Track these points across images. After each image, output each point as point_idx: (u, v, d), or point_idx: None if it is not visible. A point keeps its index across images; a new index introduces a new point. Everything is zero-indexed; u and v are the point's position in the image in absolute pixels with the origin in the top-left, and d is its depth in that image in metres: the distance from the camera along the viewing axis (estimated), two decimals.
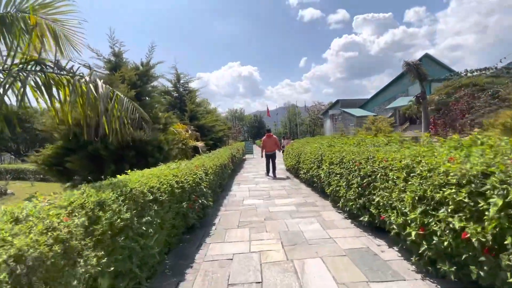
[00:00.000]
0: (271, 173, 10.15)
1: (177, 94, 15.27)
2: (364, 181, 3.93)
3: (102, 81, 3.11)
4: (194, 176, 4.78)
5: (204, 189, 4.96)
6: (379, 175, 3.56)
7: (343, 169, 4.94)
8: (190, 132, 10.66)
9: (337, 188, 5.11)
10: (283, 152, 13.45)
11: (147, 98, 8.41)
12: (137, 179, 3.01)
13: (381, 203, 3.43)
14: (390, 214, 3.18)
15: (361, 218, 4.04)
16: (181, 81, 15.34)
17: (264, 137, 10.33)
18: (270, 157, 10.08)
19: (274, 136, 10.35)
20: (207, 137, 13.54)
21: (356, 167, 4.33)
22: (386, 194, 3.29)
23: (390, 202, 3.22)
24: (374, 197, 3.61)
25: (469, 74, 20.55)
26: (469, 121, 12.96)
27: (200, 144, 10.72)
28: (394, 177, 3.16)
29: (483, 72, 19.70)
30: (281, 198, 6.84)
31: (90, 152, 6.38)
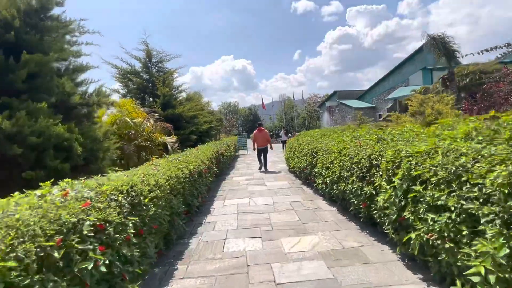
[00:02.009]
0: (263, 167, 9.53)
1: (148, 76, 11.80)
2: None
3: None
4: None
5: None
6: None
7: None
8: (152, 122, 7.38)
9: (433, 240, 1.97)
10: (284, 146, 12.32)
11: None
12: None
13: None
14: None
15: None
16: (154, 60, 11.91)
17: (255, 131, 9.63)
18: (262, 151, 9.42)
19: (265, 130, 9.67)
20: (185, 130, 10.27)
21: None
22: None
23: None
24: None
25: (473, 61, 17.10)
26: None
27: (170, 139, 7.47)
28: None
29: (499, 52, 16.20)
30: (293, 233, 3.67)
31: None
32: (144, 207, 2.58)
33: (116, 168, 3.66)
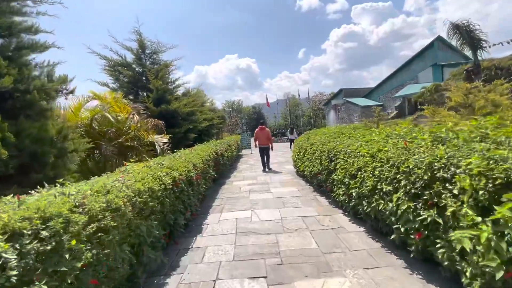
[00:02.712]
0: (267, 168, 9.14)
1: (141, 69, 10.62)
2: None
3: None
4: None
5: None
6: None
7: None
8: (137, 118, 6.27)
9: None
10: (292, 146, 11.52)
11: None
12: None
13: None
14: None
15: None
16: (147, 51, 10.80)
17: (257, 129, 9.36)
18: (264, 150, 9.10)
19: (267, 129, 9.43)
20: (181, 128, 9.19)
21: None
22: None
23: None
24: None
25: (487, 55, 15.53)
26: None
27: (160, 138, 6.39)
28: None
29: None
30: (311, 272, 2.54)
31: None
32: (68, 255, 1.48)
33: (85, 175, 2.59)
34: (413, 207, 2.34)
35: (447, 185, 2.03)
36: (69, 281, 1.44)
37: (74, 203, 1.77)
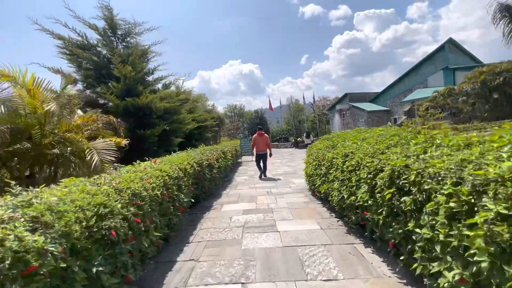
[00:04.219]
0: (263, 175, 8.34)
1: (110, 54, 8.10)
2: None
3: None
4: None
5: None
6: None
7: None
8: (55, 108, 3.95)
9: None
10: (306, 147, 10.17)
11: None
12: None
13: None
14: None
15: None
16: (120, 33, 8.49)
17: (255, 134, 8.69)
18: (261, 158, 8.41)
19: (266, 135, 8.68)
20: (154, 129, 6.89)
21: None
22: None
23: None
24: None
25: None
26: None
27: (101, 144, 4.09)
28: None
29: None
30: None
31: None
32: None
33: None
34: None
35: None
36: None
37: None
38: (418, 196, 2.00)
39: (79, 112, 5.01)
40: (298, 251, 2.92)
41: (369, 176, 2.69)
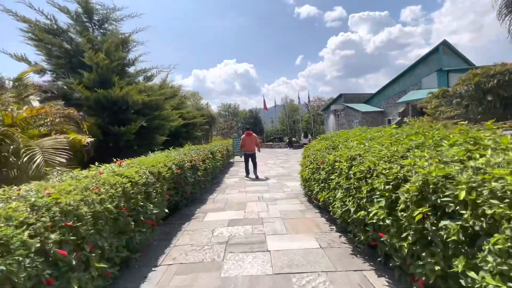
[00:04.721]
0: (251, 174, 8.14)
1: (82, 39, 7.20)
2: None
3: None
4: None
5: None
6: None
7: None
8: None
9: None
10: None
11: None
12: None
13: None
14: None
15: None
16: (96, 18, 7.68)
17: (243, 135, 8.51)
18: (250, 157, 8.31)
19: (254, 134, 8.52)
20: (131, 126, 6.13)
21: None
22: None
23: None
24: None
25: None
26: None
27: (51, 141, 3.37)
28: None
29: None
30: None
31: None
32: None
33: None
34: None
35: None
36: None
37: None
38: (471, 222, 1.35)
39: (37, 104, 4.26)
40: (292, 282, 2.26)
41: (387, 187, 2.03)
